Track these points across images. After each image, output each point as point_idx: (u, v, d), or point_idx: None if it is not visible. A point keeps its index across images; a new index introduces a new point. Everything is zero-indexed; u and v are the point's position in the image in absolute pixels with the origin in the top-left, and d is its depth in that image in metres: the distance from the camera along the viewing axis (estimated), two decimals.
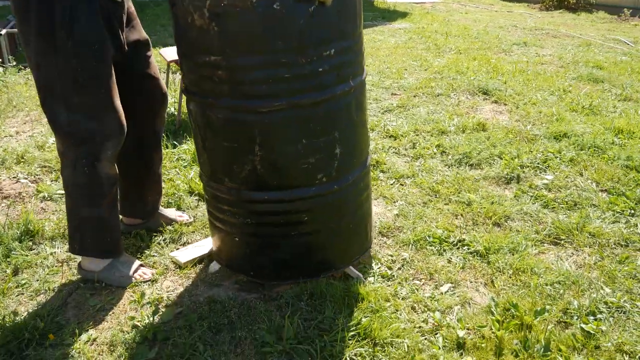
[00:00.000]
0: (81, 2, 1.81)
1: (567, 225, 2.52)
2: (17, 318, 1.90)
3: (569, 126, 3.71)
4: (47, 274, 2.18)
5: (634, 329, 1.88)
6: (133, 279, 2.13)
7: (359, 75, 1.97)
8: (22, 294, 2.08)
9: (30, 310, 1.97)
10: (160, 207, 2.52)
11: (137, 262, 2.20)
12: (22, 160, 3.11)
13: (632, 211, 2.65)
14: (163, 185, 2.52)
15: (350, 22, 1.87)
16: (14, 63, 4.85)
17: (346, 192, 2.08)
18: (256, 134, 1.85)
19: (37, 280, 2.14)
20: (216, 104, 1.85)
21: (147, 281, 2.14)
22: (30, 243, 2.37)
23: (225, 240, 2.13)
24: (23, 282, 2.14)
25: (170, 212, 2.55)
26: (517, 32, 8.26)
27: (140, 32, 2.16)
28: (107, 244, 2.10)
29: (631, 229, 2.50)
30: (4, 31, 4.93)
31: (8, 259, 2.25)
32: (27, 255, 2.27)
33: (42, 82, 1.87)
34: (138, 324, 1.89)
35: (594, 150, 3.33)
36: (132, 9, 2.12)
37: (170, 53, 3.65)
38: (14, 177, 2.97)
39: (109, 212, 2.07)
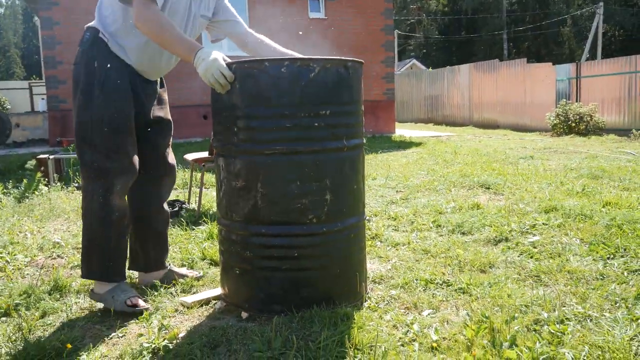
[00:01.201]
0: (115, 74, 2.35)
1: (548, 267, 2.70)
2: (40, 342, 2.15)
3: (560, 202, 3.96)
4: (70, 318, 2.44)
5: (598, 329, 2.01)
6: (125, 305, 2.38)
7: (354, 139, 2.37)
8: (47, 330, 2.33)
9: (53, 338, 2.21)
10: (173, 266, 2.82)
11: (133, 292, 2.46)
12: (58, 244, 3.50)
13: (611, 256, 2.82)
14: (177, 250, 2.81)
15: (346, 92, 2.31)
16: (58, 183, 5.46)
17: (334, 237, 2.38)
18: (260, 173, 2.25)
19: (61, 322, 2.40)
20: (235, 149, 2.29)
21: (139, 309, 2.36)
22: (58, 295, 2.66)
23: (228, 274, 2.41)
24: (49, 322, 2.40)
25: (182, 270, 2.84)
26: (525, 151, 8.73)
27: (166, 114, 2.65)
28: (110, 268, 2.43)
29: (607, 267, 2.66)
30: (52, 157, 5.67)
31: (37, 305, 2.53)
32: (54, 304, 2.55)
33: (79, 130, 2.36)
34: (144, 340, 2.11)
35: (581, 217, 3.55)
36: (165, 97, 2.66)
37: (191, 156, 4.20)
38: (49, 257, 3.33)
39: (116, 240, 2.42)
